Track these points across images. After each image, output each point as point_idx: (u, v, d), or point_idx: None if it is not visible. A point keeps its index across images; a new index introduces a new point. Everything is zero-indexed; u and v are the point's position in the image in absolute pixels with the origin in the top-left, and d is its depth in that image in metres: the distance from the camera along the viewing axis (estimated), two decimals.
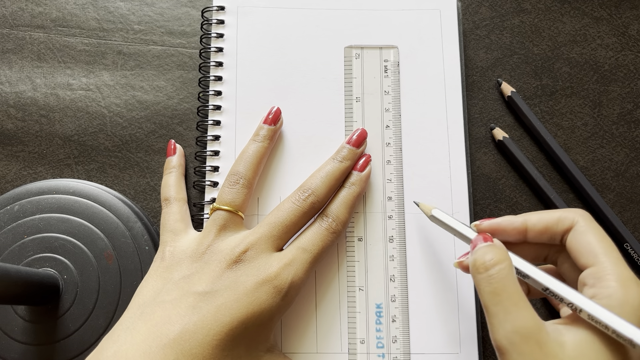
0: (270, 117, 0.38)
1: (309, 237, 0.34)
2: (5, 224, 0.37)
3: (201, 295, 0.30)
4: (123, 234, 0.37)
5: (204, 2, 0.43)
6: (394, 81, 0.40)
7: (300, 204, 0.34)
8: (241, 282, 0.31)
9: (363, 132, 0.37)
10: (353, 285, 0.37)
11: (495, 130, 0.40)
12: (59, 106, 0.41)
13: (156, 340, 0.28)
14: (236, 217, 0.34)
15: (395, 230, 0.38)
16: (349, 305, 0.37)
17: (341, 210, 0.35)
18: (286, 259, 0.32)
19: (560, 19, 0.43)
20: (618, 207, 0.40)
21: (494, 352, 0.37)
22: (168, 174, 0.38)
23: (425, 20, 0.41)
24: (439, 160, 0.39)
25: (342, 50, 0.41)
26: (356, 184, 0.36)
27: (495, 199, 0.40)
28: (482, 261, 0.28)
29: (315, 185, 0.35)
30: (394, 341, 0.36)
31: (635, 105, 0.42)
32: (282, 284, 0.31)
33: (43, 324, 0.35)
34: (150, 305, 0.31)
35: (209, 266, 0.32)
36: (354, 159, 0.37)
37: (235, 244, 0.33)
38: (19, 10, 0.43)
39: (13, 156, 0.40)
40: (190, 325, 0.29)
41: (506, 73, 0.42)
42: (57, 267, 0.36)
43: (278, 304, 0.31)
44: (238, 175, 0.35)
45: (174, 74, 0.42)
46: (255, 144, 0.37)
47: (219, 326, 0.29)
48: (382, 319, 0.36)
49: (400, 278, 0.37)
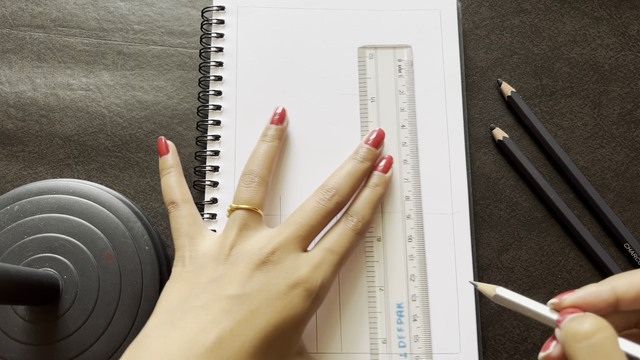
0: (276, 118, 0.38)
1: (334, 238, 0.34)
2: (5, 224, 0.37)
3: (233, 299, 0.30)
4: (123, 234, 0.37)
5: (204, 2, 0.43)
6: (409, 80, 0.40)
7: (326, 204, 0.34)
8: (273, 284, 0.31)
9: (381, 132, 0.37)
10: (373, 286, 0.37)
11: (495, 130, 0.40)
12: (59, 106, 0.41)
13: (192, 349, 0.28)
14: (255, 215, 0.34)
15: (414, 229, 0.38)
16: (369, 306, 0.37)
17: (366, 210, 0.35)
18: (315, 261, 0.32)
19: (560, 19, 0.43)
20: (618, 207, 0.40)
21: (494, 352, 0.37)
22: (167, 174, 0.37)
23: (425, 20, 0.41)
24: (439, 160, 0.39)
25: (341, 50, 0.41)
26: (380, 185, 0.36)
27: (495, 199, 0.40)
28: (580, 329, 0.24)
29: (339, 185, 0.35)
30: (416, 340, 0.36)
31: (635, 105, 0.42)
32: (313, 286, 0.31)
33: (43, 324, 0.35)
34: (180, 310, 0.30)
35: (237, 268, 0.31)
36: (373, 159, 0.37)
37: (262, 245, 0.32)
38: (19, 10, 0.43)
39: (13, 156, 0.40)
40: (226, 333, 0.29)
41: (506, 73, 0.42)
42: (57, 267, 0.36)
43: (310, 307, 0.31)
44: (253, 174, 0.35)
45: (174, 74, 0.42)
46: (265, 144, 0.37)
47: (254, 332, 0.29)
48: (403, 319, 0.36)
49: (420, 277, 0.37)
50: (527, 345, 0.38)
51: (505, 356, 0.37)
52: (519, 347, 0.38)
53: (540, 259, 0.39)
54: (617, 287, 0.26)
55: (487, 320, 0.38)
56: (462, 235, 0.38)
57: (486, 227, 0.39)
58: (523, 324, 0.38)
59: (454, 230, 0.38)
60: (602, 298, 0.26)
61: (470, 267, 0.37)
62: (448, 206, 0.38)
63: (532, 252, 0.39)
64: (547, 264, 0.39)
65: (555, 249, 0.39)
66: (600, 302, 0.26)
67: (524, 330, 0.38)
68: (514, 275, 0.39)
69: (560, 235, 0.39)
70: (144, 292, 0.36)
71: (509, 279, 0.39)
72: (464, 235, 0.38)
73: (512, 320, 0.38)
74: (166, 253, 0.39)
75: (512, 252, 0.39)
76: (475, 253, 0.38)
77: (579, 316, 0.25)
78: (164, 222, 0.39)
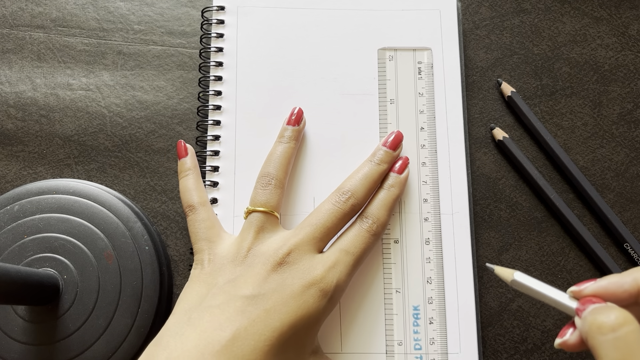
0: (293, 118, 0.38)
1: (350, 239, 0.34)
2: (5, 224, 0.37)
3: (249, 299, 0.30)
4: (123, 234, 0.37)
5: (204, 2, 0.43)
6: (428, 83, 0.40)
7: (341, 206, 0.34)
8: (288, 285, 0.31)
9: (399, 134, 0.37)
10: (390, 288, 0.37)
11: (495, 130, 0.40)
12: (59, 106, 0.41)
13: (208, 347, 0.28)
14: (272, 218, 0.34)
15: (431, 232, 0.38)
16: (386, 307, 0.37)
17: (381, 212, 0.35)
18: (330, 262, 0.32)
19: (560, 19, 0.43)
20: (618, 207, 0.40)
21: (494, 352, 0.37)
22: (185, 177, 0.37)
23: (425, 20, 0.41)
24: (439, 160, 0.39)
25: (342, 50, 0.41)
26: (395, 186, 0.36)
27: (495, 199, 0.40)
28: (605, 321, 0.23)
29: (355, 187, 0.35)
30: (432, 343, 0.36)
31: (635, 105, 0.41)
32: (327, 286, 0.32)
33: (43, 324, 0.35)
34: (197, 310, 0.30)
35: (254, 269, 0.32)
36: (390, 161, 0.37)
37: (278, 246, 0.33)
38: (19, 10, 0.43)
39: (13, 156, 0.40)
40: (241, 331, 0.29)
41: (506, 73, 0.42)
42: (57, 267, 0.36)
43: (324, 307, 0.31)
44: (269, 176, 0.35)
45: (174, 74, 0.42)
46: (282, 145, 0.37)
47: (269, 331, 0.29)
48: (419, 321, 0.36)
49: (437, 280, 0.37)
50: (527, 345, 0.38)
51: (505, 356, 0.37)
52: (519, 347, 0.38)
53: (540, 259, 0.39)
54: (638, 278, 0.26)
55: (487, 320, 0.38)
56: (462, 235, 0.38)
57: (486, 227, 0.39)
58: (523, 323, 0.38)
59: (454, 230, 0.38)
60: (624, 289, 0.26)
61: (470, 267, 0.37)
62: (448, 206, 0.38)
63: (532, 252, 0.39)
64: (547, 264, 0.39)
65: (555, 249, 0.39)
66: (622, 293, 0.26)
67: (524, 330, 0.38)
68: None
69: (560, 235, 0.39)
70: (144, 292, 0.36)
71: None
72: (464, 235, 0.38)
73: (512, 320, 0.38)
74: (166, 253, 0.39)
75: (512, 252, 0.39)
76: (475, 253, 0.38)
77: (602, 307, 0.24)
78: (164, 222, 0.39)
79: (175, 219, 0.39)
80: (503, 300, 0.38)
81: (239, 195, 0.38)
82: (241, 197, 0.38)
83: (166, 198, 0.40)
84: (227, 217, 0.38)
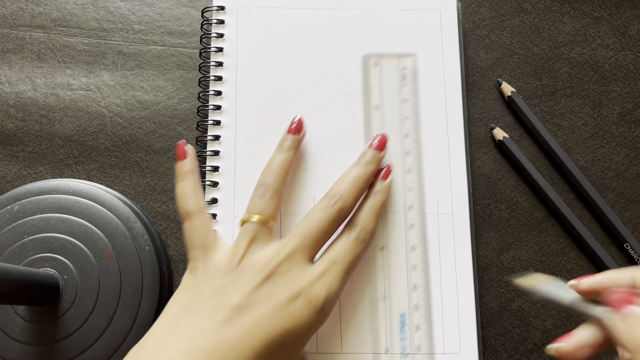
0: (293, 127, 0.38)
1: (338, 248, 0.34)
2: (5, 224, 0.37)
3: (236, 308, 0.30)
4: (123, 234, 0.37)
5: (204, 2, 0.43)
6: (413, 89, 0.40)
7: (329, 211, 0.34)
8: (276, 296, 0.31)
9: (384, 136, 0.37)
10: (375, 295, 0.37)
11: (495, 130, 0.40)
12: (59, 106, 0.41)
13: (193, 353, 0.28)
14: (266, 228, 0.34)
15: (417, 239, 0.38)
16: (371, 314, 0.37)
17: (369, 219, 0.35)
18: (318, 272, 0.32)
19: (560, 19, 0.43)
20: (618, 207, 0.40)
21: (494, 352, 0.37)
22: (182, 180, 0.36)
23: (425, 20, 0.41)
24: (439, 160, 0.39)
25: (342, 50, 0.41)
26: (380, 192, 0.36)
27: (495, 199, 0.40)
28: None
29: (343, 191, 0.35)
30: (419, 350, 0.36)
31: (635, 105, 0.42)
32: (315, 298, 0.31)
33: (43, 324, 0.35)
34: (184, 316, 0.30)
35: (244, 279, 0.32)
36: (377, 162, 0.37)
37: (269, 257, 0.32)
38: (19, 10, 0.43)
39: (13, 156, 0.40)
40: (226, 340, 0.29)
41: (506, 73, 0.42)
42: (57, 267, 0.36)
43: (314, 319, 0.31)
44: (266, 186, 0.35)
45: (174, 74, 0.42)
46: (281, 154, 0.37)
47: (255, 342, 0.29)
48: (405, 328, 0.36)
49: (423, 287, 0.37)
50: (527, 345, 0.38)
51: (505, 356, 0.37)
52: (519, 347, 0.38)
53: (540, 259, 0.39)
54: (636, 276, 0.27)
55: (487, 320, 0.38)
56: (462, 235, 0.38)
57: (486, 227, 0.39)
58: (523, 324, 0.38)
59: (454, 230, 0.38)
60: (621, 285, 0.26)
61: (470, 267, 0.37)
62: (448, 206, 0.38)
63: (532, 252, 0.39)
64: (547, 264, 0.39)
65: (555, 249, 0.39)
66: None
67: (524, 330, 0.38)
68: (514, 276, 0.39)
69: (560, 235, 0.39)
70: (144, 292, 0.36)
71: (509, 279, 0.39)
72: (464, 235, 0.38)
73: (512, 320, 0.38)
74: (166, 253, 0.39)
75: (512, 252, 0.39)
76: (475, 253, 0.38)
77: None
78: (164, 222, 0.39)
79: (175, 219, 0.39)
80: (503, 300, 0.38)
81: (238, 195, 0.38)
82: (241, 197, 0.38)
83: (166, 198, 0.40)
84: (227, 217, 0.38)
